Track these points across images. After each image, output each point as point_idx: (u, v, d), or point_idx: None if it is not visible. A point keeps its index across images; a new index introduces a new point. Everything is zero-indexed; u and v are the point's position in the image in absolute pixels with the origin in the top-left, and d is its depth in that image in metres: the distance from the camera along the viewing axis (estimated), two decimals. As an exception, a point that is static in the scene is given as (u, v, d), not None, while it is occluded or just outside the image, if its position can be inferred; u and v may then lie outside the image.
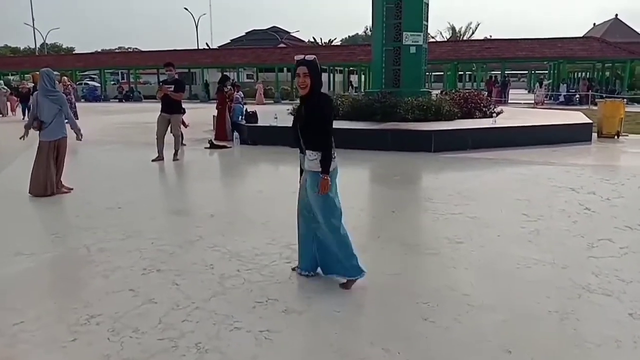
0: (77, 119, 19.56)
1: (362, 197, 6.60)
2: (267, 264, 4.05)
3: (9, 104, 23.04)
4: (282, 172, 8.55)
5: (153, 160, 9.35)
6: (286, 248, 4.41)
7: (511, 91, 35.43)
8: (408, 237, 4.72)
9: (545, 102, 30.32)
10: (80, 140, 6.78)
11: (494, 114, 12.90)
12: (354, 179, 7.74)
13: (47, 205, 6.22)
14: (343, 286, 3.58)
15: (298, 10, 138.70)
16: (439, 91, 19.15)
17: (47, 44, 62.98)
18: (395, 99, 12.82)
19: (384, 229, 5.00)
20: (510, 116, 13.89)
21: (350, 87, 39.83)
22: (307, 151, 3.50)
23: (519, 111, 17.65)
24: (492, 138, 10.95)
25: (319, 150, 3.42)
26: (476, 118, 13.18)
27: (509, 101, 30.39)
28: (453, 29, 51.88)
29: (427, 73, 24.22)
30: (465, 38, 51.28)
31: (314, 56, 3.42)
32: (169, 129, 9.57)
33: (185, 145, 11.19)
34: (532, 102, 30.69)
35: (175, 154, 9.62)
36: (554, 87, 35.01)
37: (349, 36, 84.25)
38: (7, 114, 22.61)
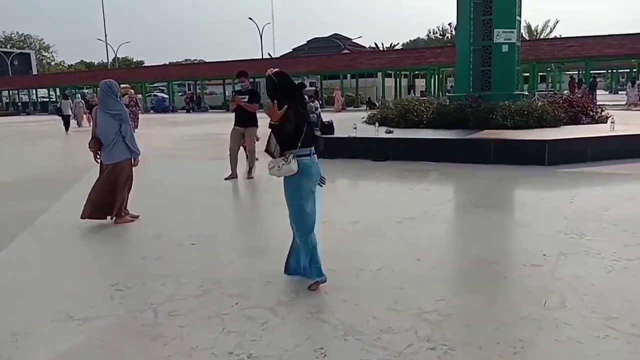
0: (137, 127, 19.62)
1: (488, 233, 5.21)
2: (402, 350, 2.80)
3: (85, 115, 23.70)
4: (375, 194, 7.32)
5: (226, 179, 8.41)
6: (419, 319, 3.15)
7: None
8: (592, 303, 3.32)
9: (638, 103, 27.34)
10: (135, 165, 5.79)
11: (610, 120, 11.06)
12: (463, 203, 6.38)
13: (108, 241, 5.30)
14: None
15: (358, 17, 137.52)
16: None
17: (118, 58, 65.28)
18: (489, 104, 11.34)
19: (549, 288, 3.62)
20: (622, 121, 11.99)
21: (413, 91, 37.93)
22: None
23: (625, 115, 15.54)
24: (613, 148, 9.22)
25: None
26: (583, 124, 11.46)
27: (597, 103, 27.63)
28: (529, 27, 48.78)
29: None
30: (542, 37, 48.09)
31: (275, 70, 3.71)
32: (242, 144, 8.67)
33: (257, 160, 10.20)
34: (622, 103, 27.80)
35: (250, 171, 8.63)
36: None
37: (410, 40, 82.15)
38: (83, 124, 23.22)
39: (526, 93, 15.55)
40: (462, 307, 3.34)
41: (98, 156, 5.65)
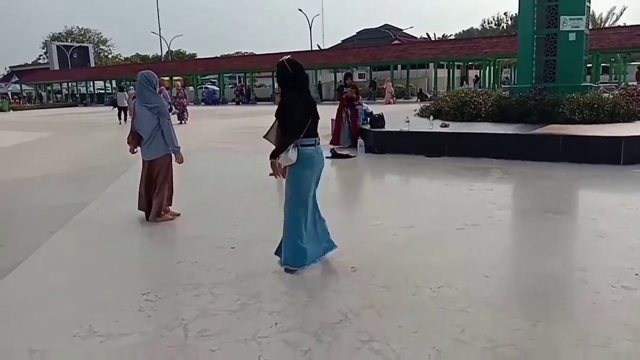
0: (186, 119, 19.95)
1: (564, 244, 4.55)
2: (475, 397, 2.30)
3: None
4: (431, 194, 6.74)
5: (271, 174, 8.00)
6: (492, 354, 2.63)
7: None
8: None
9: None
10: (180, 163, 5.46)
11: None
12: (532, 207, 5.65)
13: (145, 241, 5.01)
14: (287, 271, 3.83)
15: (409, 6, 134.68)
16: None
17: (171, 50, 66.58)
18: (554, 96, 10.46)
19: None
20: None
21: (465, 82, 36.30)
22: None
23: None
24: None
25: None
26: (660, 119, 10.39)
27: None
28: (592, 15, 46.07)
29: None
30: (607, 25, 45.28)
31: (288, 57, 3.78)
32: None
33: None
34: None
35: (296, 166, 8.22)
36: None
37: (463, 30, 79.52)
38: None
39: (594, 85, 14.40)
40: (544, 340, 2.78)
41: (135, 150, 5.38)
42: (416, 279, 3.64)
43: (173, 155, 5.33)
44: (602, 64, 42.96)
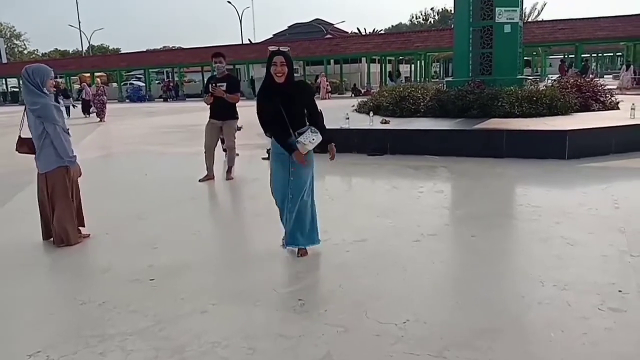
0: (104, 117, 19.13)
1: (535, 254, 4.12)
2: None
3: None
4: (380, 198, 6.17)
5: (201, 180, 7.21)
6: None
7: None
8: None
9: (634, 86, 26.57)
10: (77, 177, 4.53)
11: (631, 106, 10.07)
12: (489, 212, 5.19)
13: (42, 275, 4.07)
14: (300, 254, 3.95)
15: (338, 2, 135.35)
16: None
17: (93, 45, 62.89)
18: (492, 90, 10.29)
19: (659, 354, 2.54)
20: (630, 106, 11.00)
21: (391, 77, 36.20)
22: (305, 133, 3.71)
23: (629, 99, 14.59)
24: (638, 139, 8.25)
25: (316, 126, 3.81)
26: (595, 110, 10.49)
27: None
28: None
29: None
30: (530, 20, 47.19)
31: (288, 47, 2.87)
32: (220, 138, 7.51)
33: (238, 155, 8.98)
34: (613, 87, 26.98)
35: (229, 171, 7.44)
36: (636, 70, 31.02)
37: (392, 25, 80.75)
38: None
39: (530, 77, 14.54)
40: (545, 395, 2.24)
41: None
42: (377, 312, 3.03)
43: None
44: (524, 58, 44.92)
